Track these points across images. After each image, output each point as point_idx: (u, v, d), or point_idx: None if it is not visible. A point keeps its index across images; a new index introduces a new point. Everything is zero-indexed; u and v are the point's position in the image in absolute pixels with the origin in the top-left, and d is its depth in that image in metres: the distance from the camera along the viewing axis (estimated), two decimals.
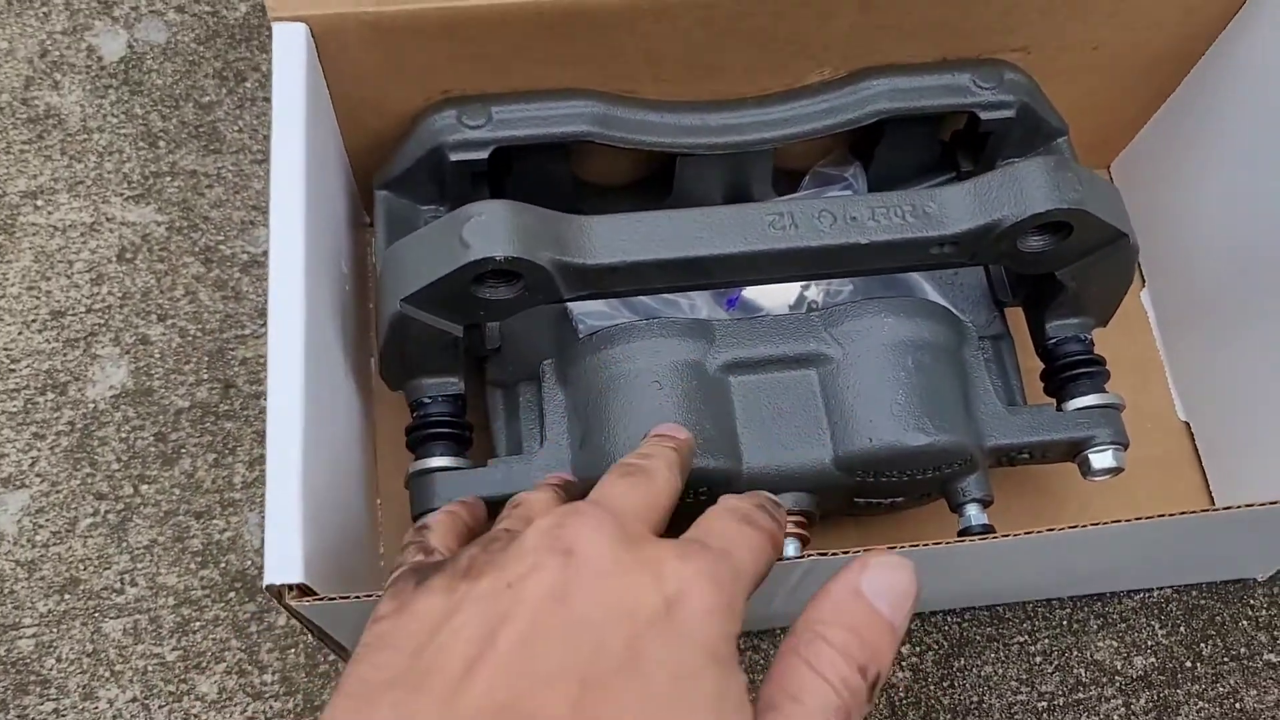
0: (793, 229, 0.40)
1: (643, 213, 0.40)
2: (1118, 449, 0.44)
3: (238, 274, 0.57)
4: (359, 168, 0.50)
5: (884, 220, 0.40)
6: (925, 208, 0.41)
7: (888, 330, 0.43)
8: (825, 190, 0.53)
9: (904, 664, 0.52)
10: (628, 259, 0.40)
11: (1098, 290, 0.45)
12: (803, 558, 0.37)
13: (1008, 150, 0.50)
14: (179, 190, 0.59)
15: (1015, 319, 0.50)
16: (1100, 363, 0.46)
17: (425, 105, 0.47)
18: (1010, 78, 0.48)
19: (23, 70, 0.61)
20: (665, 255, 0.40)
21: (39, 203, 0.58)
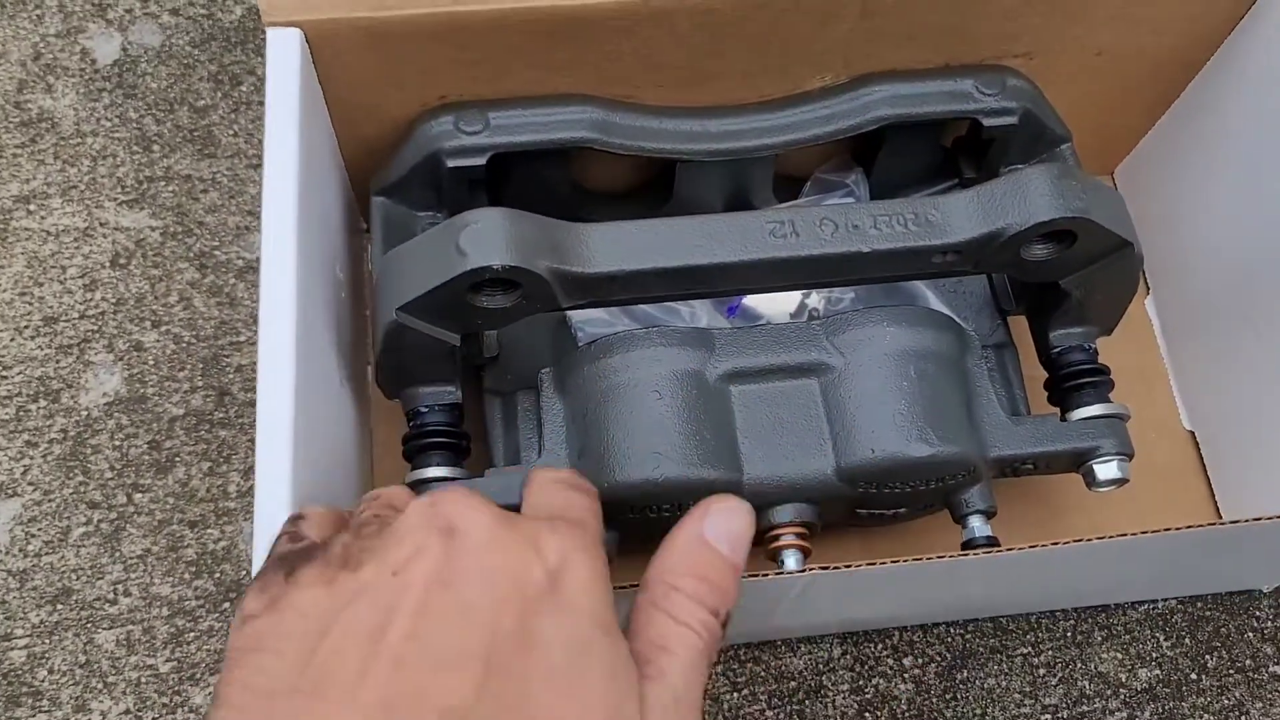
0: (794, 237, 0.40)
1: (642, 220, 0.40)
2: (1123, 460, 0.44)
3: (233, 280, 0.57)
4: (355, 173, 0.50)
5: (886, 229, 0.40)
6: (928, 216, 0.40)
7: (890, 339, 0.42)
8: (826, 196, 0.52)
9: (906, 676, 0.51)
10: (627, 267, 0.39)
11: (1102, 299, 0.44)
12: (804, 571, 0.36)
13: (1010, 157, 0.50)
14: (173, 195, 0.58)
15: (1018, 326, 0.49)
16: (1105, 372, 0.46)
17: (422, 111, 0.46)
18: (1013, 84, 0.47)
19: (15, 73, 0.60)
20: (665, 264, 0.39)
21: (31, 207, 0.57)
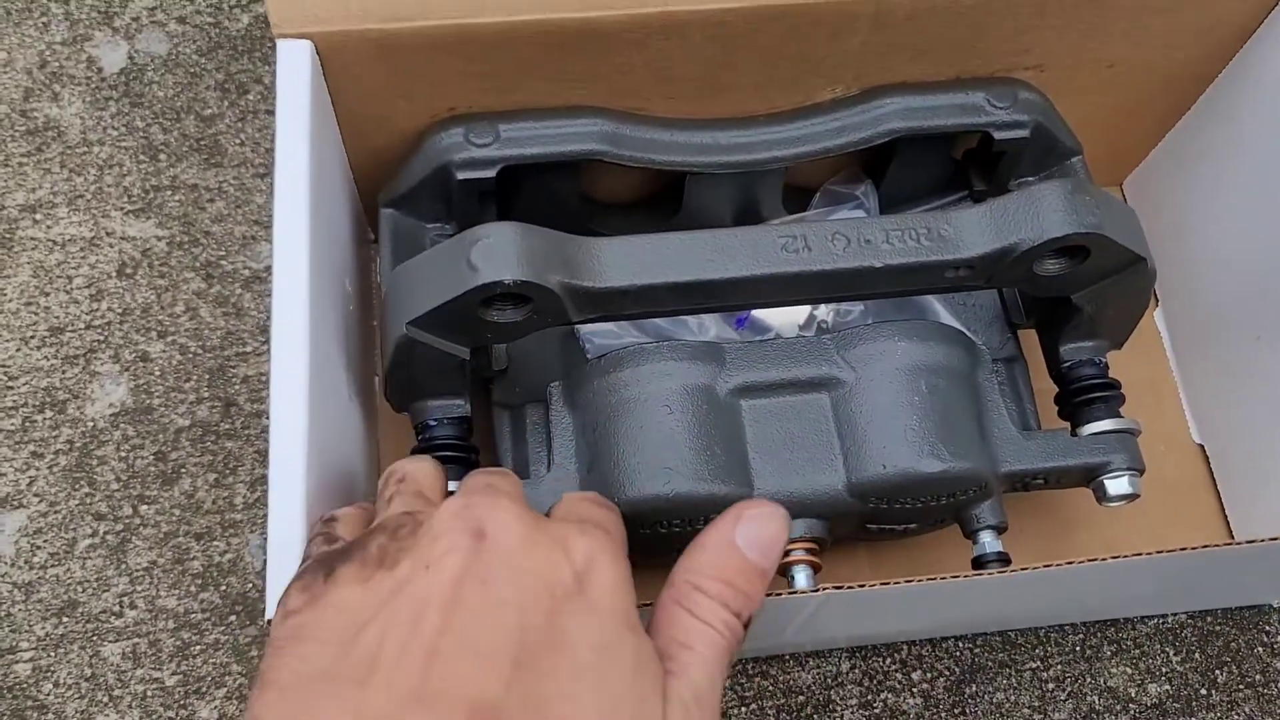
0: (805, 252, 0.40)
1: (653, 235, 0.40)
2: (1133, 475, 0.44)
3: (239, 290, 0.56)
4: (364, 185, 0.49)
5: (898, 243, 0.40)
6: (940, 231, 0.40)
7: (901, 354, 0.42)
8: (836, 208, 0.52)
9: (915, 690, 0.51)
10: (638, 282, 0.39)
11: (1114, 313, 0.44)
12: (817, 590, 0.36)
13: (1021, 169, 0.50)
14: (180, 204, 0.58)
15: (1027, 339, 0.49)
16: (1115, 386, 0.46)
17: (432, 123, 0.46)
18: (1025, 97, 0.47)
19: (22, 81, 0.60)
20: (676, 278, 0.39)
21: (38, 216, 0.57)
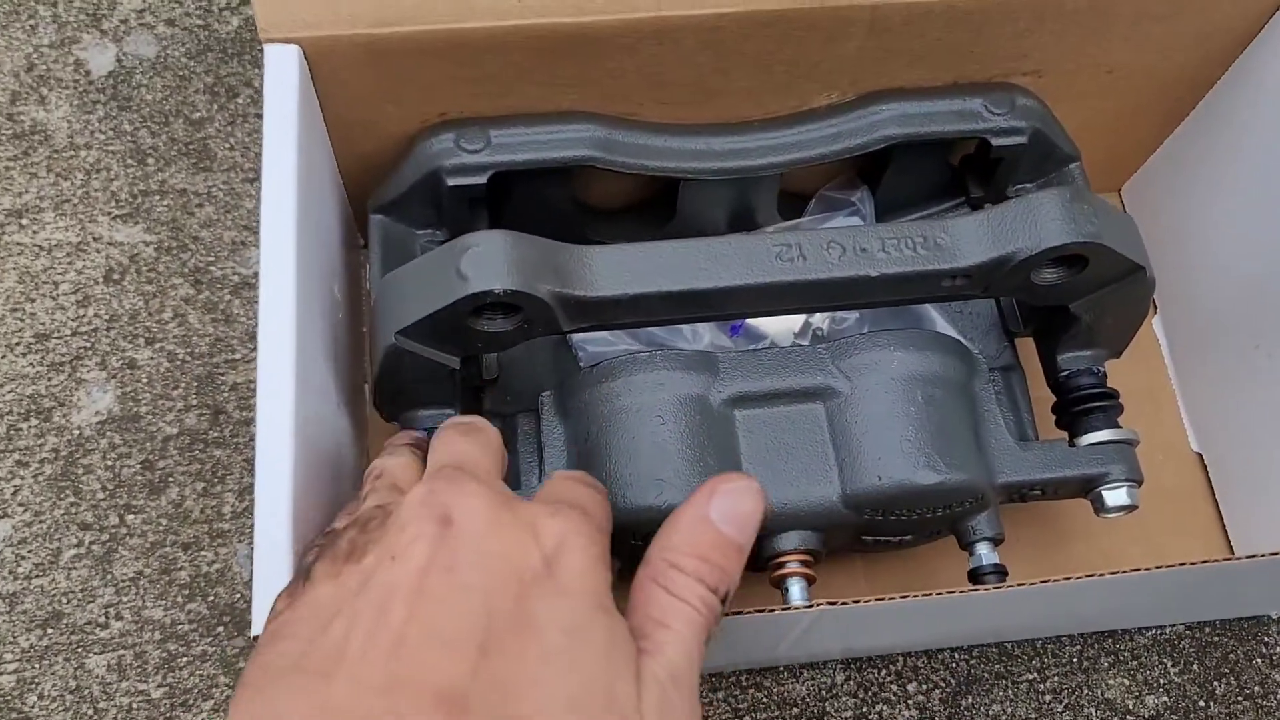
0: (800, 261, 0.39)
1: (645, 243, 0.39)
2: (1132, 486, 0.43)
3: (228, 296, 0.56)
4: (353, 190, 0.49)
5: (894, 252, 0.39)
6: (937, 239, 0.39)
7: (897, 364, 0.42)
8: (832, 215, 0.51)
9: (910, 702, 0.50)
10: (630, 291, 0.38)
11: (1112, 322, 0.44)
12: (811, 606, 0.35)
13: (1019, 175, 0.49)
14: (168, 209, 0.57)
15: (1024, 347, 0.49)
16: (1114, 396, 0.45)
17: (422, 128, 0.45)
18: (1022, 103, 0.47)
19: (8, 84, 0.59)
20: (669, 287, 0.39)
21: (24, 221, 0.57)
